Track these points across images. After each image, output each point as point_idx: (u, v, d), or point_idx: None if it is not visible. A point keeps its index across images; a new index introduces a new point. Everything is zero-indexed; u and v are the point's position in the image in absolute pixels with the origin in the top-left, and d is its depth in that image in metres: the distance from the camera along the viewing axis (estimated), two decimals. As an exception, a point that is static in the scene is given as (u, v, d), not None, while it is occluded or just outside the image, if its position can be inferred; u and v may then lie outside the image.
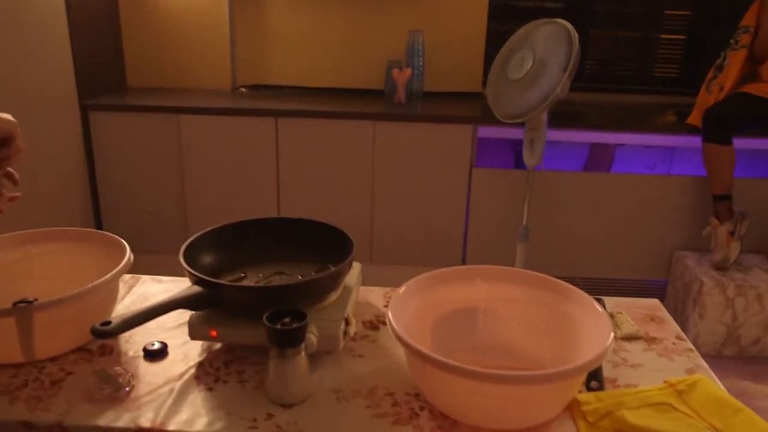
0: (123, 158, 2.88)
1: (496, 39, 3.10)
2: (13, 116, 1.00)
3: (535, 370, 0.84)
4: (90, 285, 0.95)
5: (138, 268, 1.14)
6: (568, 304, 0.95)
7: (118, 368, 0.93)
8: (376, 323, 1.08)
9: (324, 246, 1.11)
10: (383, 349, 1.01)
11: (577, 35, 2.29)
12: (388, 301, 1.15)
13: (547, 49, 2.33)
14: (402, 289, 0.94)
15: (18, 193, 1.10)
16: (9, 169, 1.03)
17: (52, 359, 0.97)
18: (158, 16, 3.10)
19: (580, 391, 0.89)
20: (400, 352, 0.98)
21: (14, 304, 0.91)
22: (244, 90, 3.18)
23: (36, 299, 0.95)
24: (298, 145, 2.79)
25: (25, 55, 2.44)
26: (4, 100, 2.34)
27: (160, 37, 3.13)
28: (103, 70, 3.02)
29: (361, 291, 1.17)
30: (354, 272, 1.10)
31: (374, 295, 1.18)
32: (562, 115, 2.77)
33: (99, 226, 2.96)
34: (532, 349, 0.97)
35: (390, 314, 0.86)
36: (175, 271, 1.22)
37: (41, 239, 1.14)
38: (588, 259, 2.90)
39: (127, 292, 1.19)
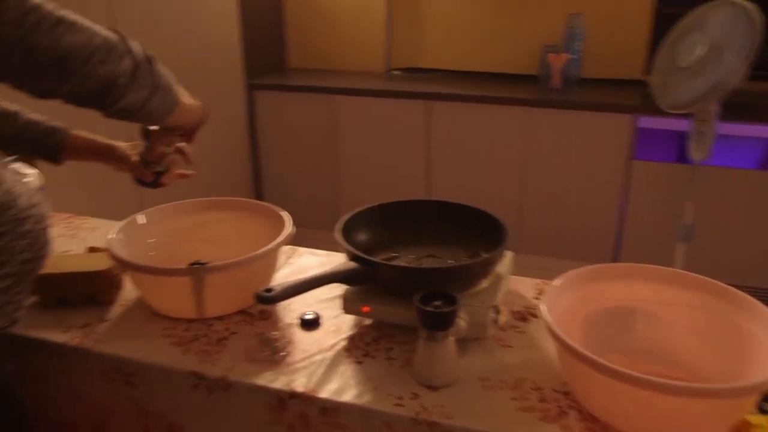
0: (283, 136, 3.04)
1: (663, 22, 2.88)
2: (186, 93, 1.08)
3: (698, 383, 0.78)
4: (256, 252, 1.01)
5: (292, 240, 1.20)
6: (743, 315, 0.87)
7: (276, 333, 0.99)
8: (526, 314, 1.06)
9: (476, 231, 1.10)
10: (532, 342, 0.98)
11: (761, 18, 2.07)
12: (538, 293, 1.12)
13: (723, 33, 2.13)
14: (558, 282, 0.91)
15: (191, 172, 1.20)
16: (184, 146, 1.12)
17: (219, 318, 1.05)
18: (319, 1, 3.21)
19: (751, 413, 0.82)
20: (550, 346, 0.96)
21: (189, 265, 0.99)
22: (397, 72, 3.23)
23: (208, 262, 1.03)
24: (450, 130, 2.79)
25: (199, 35, 2.64)
26: (178, 77, 2.55)
27: (320, 20, 3.24)
28: (267, 50, 3.19)
29: (511, 280, 1.15)
30: (505, 261, 1.08)
31: (524, 286, 1.15)
32: (736, 107, 2.53)
33: (259, 195, 3.16)
34: (696, 359, 0.90)
35: (544, 307, 0.83)
36: (325, 245, 1.27)
37: (214, 207, 1.23)
38: (758, 267, 2.65)
39: (285, 263, 1.25)
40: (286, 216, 1.15)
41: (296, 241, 1.21)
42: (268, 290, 0.86)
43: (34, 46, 0.70)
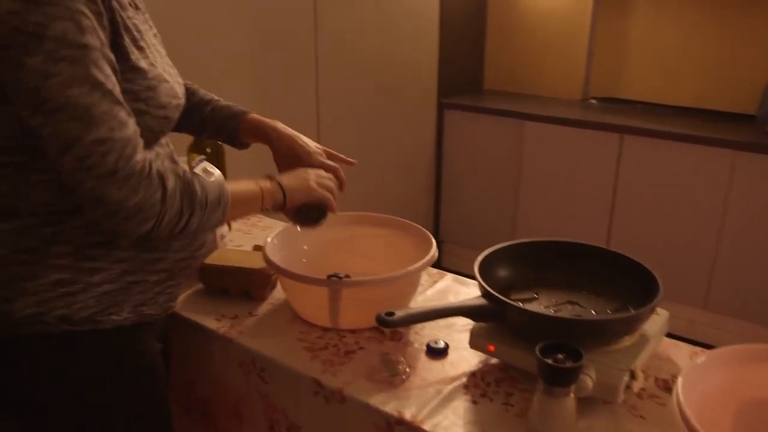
0: (468, 155, 3.05)
1: None
2: (378, 105, 1.10)
3: None
4: (393, 273, 1.03)
5: (459, 260, 1.19)
6: None
7: (400, 357, 0.99)
8: (671, 384, 0.95)
9: (629, 283, 1.02)
10: (672, 418, 0.88)
11: None
12: (694, 363, 1.00)
13: None
14: (703, 358, 0.81)
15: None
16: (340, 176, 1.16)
17: (352, 331, 1.08)
18: (522, 22, 3.17)
19: None
20: (692, 426, 0.85)
21: (328, 277, 1.04)
22: (594, 101, 3.08)
23: (348, 276, 1.07)
24: (642, 167, 2.60)
25: (399, 51, 2.74)
26: (376, 91, 2.68)
27: (520, 43, 3.21)
28: (464, 71, 3.23)
29: (664, 342, 1.04)
30: (658, 320, 0.98)
31: (679, 352, 1.04)
32: None
33: (437, 212, 3.20)
34: None
35: (679, 384, 0.74)
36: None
37: (368, 222, 1.28)
38: None
39: (431, 285, 1.25)
40: (431, 241, 1.15)
41: (461, 261, 1.20)
42: (390, 314, 0.88)
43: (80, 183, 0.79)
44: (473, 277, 0.99)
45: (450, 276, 1.30)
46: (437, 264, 1.14)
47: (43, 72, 0.74)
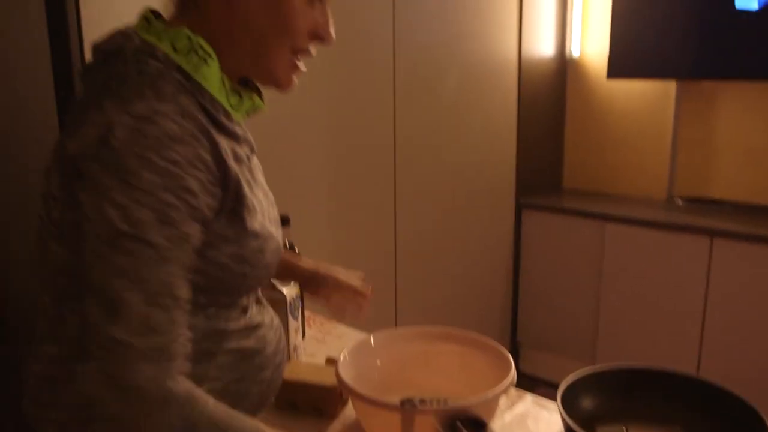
0: (547, 257, 2.98)
1: None
2: (456, 207, 1.09)
3: None
4: (466, 401, 0.98)
5: (537, 365, 1.12)
6: None
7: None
8: None
9: (730, 419, 0.92)
10: None
11: None
12: None
13: None
14: None
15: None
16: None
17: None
18: (602, 120, 3.15)
19: None
20: None
21: (402, 402, 1.00)
22: (679, 202, 2.97)
23: (422, 400, 1.02)
24: (736, 274, 2.44)
25: (476, 151, 2.76)
26: (455, 193, 2.68)
27: (601, 142, 3.17)
28: (542, 170, 3.20)
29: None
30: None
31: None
32: None
33: (515, 314, 3.10)
34: None
35: None
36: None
37: (443, 338, 1.24)
38: None
39: (509, 408, 1.19)
40: (509, 361, 1.10)
41: (539, 365, 1.14)
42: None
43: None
44: (551, 386, 0.93)
45: (529, 398, 1.22)
46: (515, 367, 1.08)
47: (99, 254, 0.72)
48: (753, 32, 2.51)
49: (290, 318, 1.29)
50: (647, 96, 2.99)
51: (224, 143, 0.82)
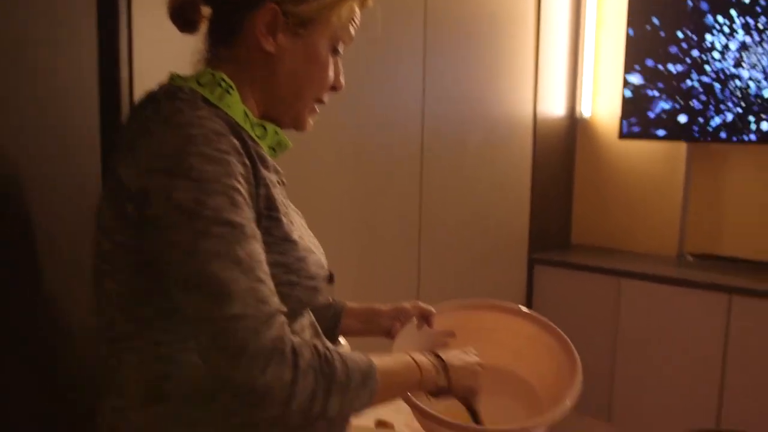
0: (559, 313, 2.95)
1: None
2: (474, 264, 1.10)
3: None
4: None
5: (555, 425, 1.11)
6: None
7: None
8: None
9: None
10: None
11: None
12: None
13: None
14: None
15: None
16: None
17: None
18: (611, 177, 3.19)
19: None
20: None
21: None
22: (690, 258, 2.99)
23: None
24: (755, 333, 2.44)
25: (488, 210, 2.77)
26: (472, 250, 2.68)
27: (610, 197, 3.20)
28: (552, 225, 3.22)
29: None
30: None
31: None
32: None
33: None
34: None
35: None
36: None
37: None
38: None
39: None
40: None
41: (565, 425, 1.12)
42: None
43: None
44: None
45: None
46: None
47: (190, 249, 0.74)
48: (761, 97, 2.59)
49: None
50: (658, 156, 3.05)
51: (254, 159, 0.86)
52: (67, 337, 1.15)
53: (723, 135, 2.71)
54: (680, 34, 2.73)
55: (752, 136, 2.64)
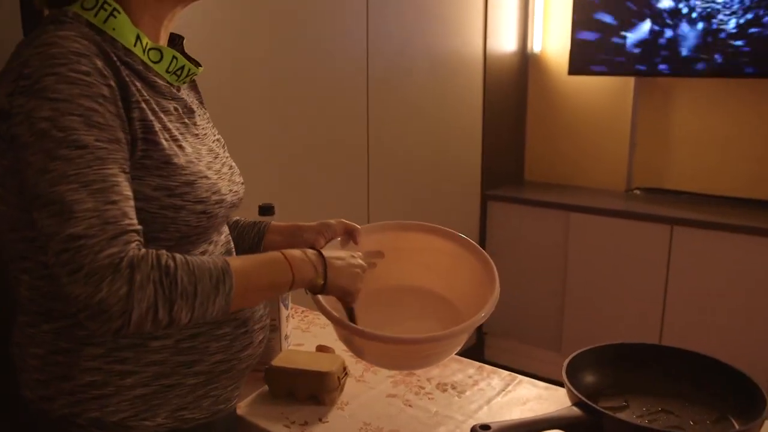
0: (512, 248, 3.02)
1: None
2: (425, 199, 1.10)
3: None
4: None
5: (504, 353, 1.14)
6: None
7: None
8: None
9: (724, 392, 0.96)
10: None
11: None
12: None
13: None
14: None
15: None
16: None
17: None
18: (561, 114, 3.22)
19: None
20: None
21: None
22: (638, 192, 3.07)
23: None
24: (694, 261, 2.54)
25: (439, 145, 2.78)
26: (424, 185, 2.70)
27: (560, 135, 3.24)
28: (505, 163, 3.26)
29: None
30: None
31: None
32: None
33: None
34: None
35: None
36: (543, 366, 1.19)
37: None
38: None
39: (503, 390, 1.20)
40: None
41: (506, 354, 1.16)
42: (485, 427, 0.83)
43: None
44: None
45: (523, 379, 1.24)
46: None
47: (41, 168, 0.76)
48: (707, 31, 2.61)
49: (281, 307, 1.28)
50: (607, 91, 3.08)
51: (137, 84, 0.86)
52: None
53: (667, 69, 2.74)
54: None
55: (700, 67, 2.67)
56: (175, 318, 0.77)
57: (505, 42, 3.05)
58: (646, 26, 2.75)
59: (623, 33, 2.80)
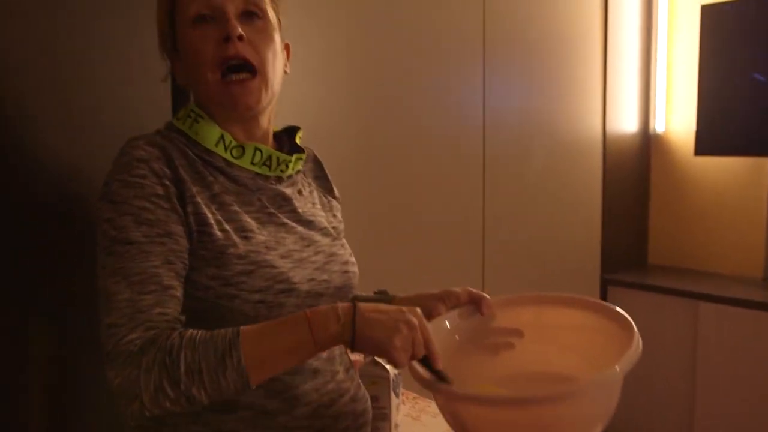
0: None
1: None
2: (541, 281, 1.03)
3: None
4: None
5: None
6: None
7: None
8: None
9: None
10: None
11: None
12: None
13: None
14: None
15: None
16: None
17: None
18: (689, 197, 3.05)
19: None
20: None
21: None
22: (778, 281, 2.81)
23: None
24: None
25: (556, 227, 2.71)
26: (539, 266, 2.63)
27: (687, 216, 3.06)
28: (627, 246, 3.11)
29: None
30: None
31: None
32: None
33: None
34: None
35: None
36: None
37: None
38: None
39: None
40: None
41: None
42: None
43: None
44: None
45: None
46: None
47: (100, 263, 0.88)
48: None
49: (392, 395, 1.26)
50: (738, 172, 2.90)
51: (219, 179, 0.96)
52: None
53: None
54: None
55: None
56: (188, 395, 0.80)
57: (625, 121, 2.98)
58: (782, 105, 2.59)
59: (755, 109, 2.65)
